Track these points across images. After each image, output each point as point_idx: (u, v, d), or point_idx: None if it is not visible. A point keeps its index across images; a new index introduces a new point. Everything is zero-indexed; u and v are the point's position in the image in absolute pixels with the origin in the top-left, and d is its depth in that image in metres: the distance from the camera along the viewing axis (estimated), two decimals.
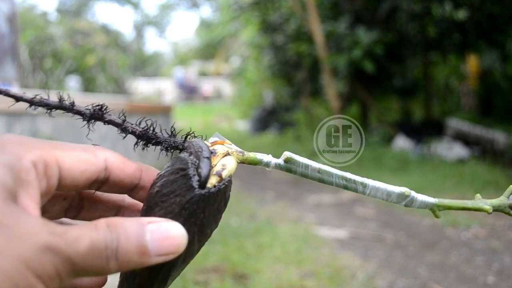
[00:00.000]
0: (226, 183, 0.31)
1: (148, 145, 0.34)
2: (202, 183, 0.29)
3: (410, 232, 2.67)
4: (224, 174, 0.31)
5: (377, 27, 5.88)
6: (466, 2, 6.08)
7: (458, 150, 5.04)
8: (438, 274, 2.04)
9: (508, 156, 4.72)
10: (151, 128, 0.35)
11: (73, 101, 0.33)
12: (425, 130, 6.04)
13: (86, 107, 0.33)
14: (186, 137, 0.35)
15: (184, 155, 0.31)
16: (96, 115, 0.33)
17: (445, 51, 6.79)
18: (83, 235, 0.23)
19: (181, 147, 0.34)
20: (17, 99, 0.32)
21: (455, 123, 5.56)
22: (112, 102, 4.18)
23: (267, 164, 0.37)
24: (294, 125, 7.96)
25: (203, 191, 0.29)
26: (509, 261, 2.16)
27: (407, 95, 7.70)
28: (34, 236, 0.22)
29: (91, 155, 0.29)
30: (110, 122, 0.33)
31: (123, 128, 0.34)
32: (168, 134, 0.35)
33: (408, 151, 5.31)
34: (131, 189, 0.33)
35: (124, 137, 0.32)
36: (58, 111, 0.33)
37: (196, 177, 0.29)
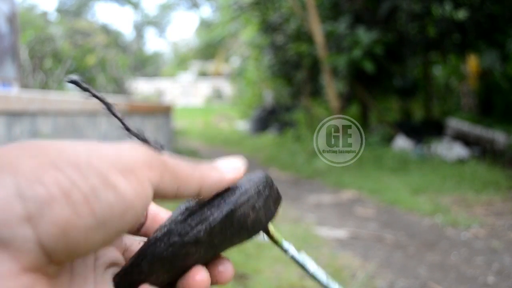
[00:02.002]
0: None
1: None
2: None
3: (410, 232, 2.67)
4: None
5: (377, 27, 5.88)
6: (466, 2, 6.08)
7: (458, 150, 5.04)
8: (438, 274, 2.04)
9: (508, 156, 4.73)
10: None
11: None
12: (425, 130, 6.04)
13: None
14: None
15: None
16: None
17: (445, 51, 6.79)
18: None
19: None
20: None
21: (455, 123, 5.56)
22: (112, 102, 4.18)
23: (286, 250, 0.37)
24: (294, 125, 7.96)
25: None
26: (509, 261, 2.16)
27: (407, 95, 7.71)
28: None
29: None
30: None
31: None
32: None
33: (408, 151, 5.31)
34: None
35: None
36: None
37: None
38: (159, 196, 0.28)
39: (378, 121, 7.10)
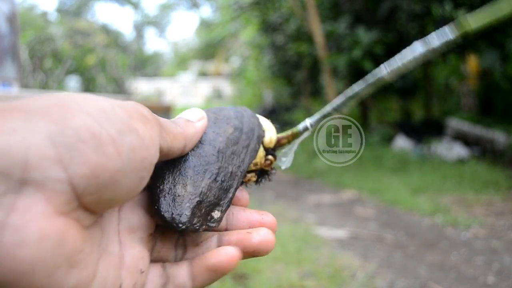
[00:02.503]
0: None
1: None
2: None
3: (410, 232, 2.67)
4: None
5: (377, 27, 5.88)
6: (466, 2, 6.08)
7: (458, 150, 5.04)
8: (438, 274, 2.04)
9: (508, 156, 4.72)
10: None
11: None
12: (425, 130, 6.04)
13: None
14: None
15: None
16: None
17: (445, 51, 6.78)
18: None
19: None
20: None
21: (455, 123, 5.56)
22: None
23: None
24: (294, 125, 7.94)
25: None
26: (509, 261, 2.16)
27: (407, 95, 7.70)
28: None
29: None
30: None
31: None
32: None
33: (408, 151, 5.31)
34: None
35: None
36: None
37: None
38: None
39: (378, 121, 7.10)
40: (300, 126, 0.40)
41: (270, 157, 0.39)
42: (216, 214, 0.32)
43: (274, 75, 9.51)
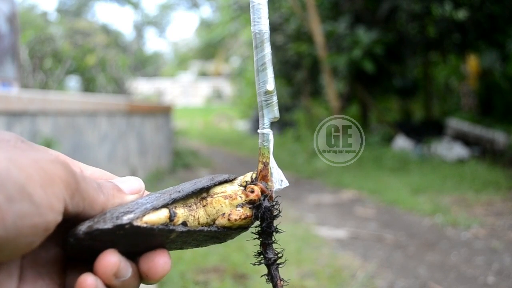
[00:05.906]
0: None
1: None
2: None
3: (410, 232, 2.67)
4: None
5: (377, 27, 5.88)
6: (466, 2, 6.08)
7: (458, 150, 5.04)
8: (438, 274, 2.04)
9: (508, 156, 4.72)
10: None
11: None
12: (425, 130, 6.05)
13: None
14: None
15: None
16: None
17: (445, 51, 6.79)
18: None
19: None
20: None
21: (455, 123, 5.56)
22: (112, 102, 4.18)
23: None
24: (294, 125, 7.96)
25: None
26: (509, 261, 2.16)
27: (407, 95, 7.71)
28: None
29: None
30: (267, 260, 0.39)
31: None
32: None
33: (408, 151, 5.31)
34: None
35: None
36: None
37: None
38: (64, 214, 0.28)
39: (378, 121, 7.10)
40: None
41: (240, 209, 0.37)
42: (126, 217, 0.32)
43: (274, 75, 9.51)
